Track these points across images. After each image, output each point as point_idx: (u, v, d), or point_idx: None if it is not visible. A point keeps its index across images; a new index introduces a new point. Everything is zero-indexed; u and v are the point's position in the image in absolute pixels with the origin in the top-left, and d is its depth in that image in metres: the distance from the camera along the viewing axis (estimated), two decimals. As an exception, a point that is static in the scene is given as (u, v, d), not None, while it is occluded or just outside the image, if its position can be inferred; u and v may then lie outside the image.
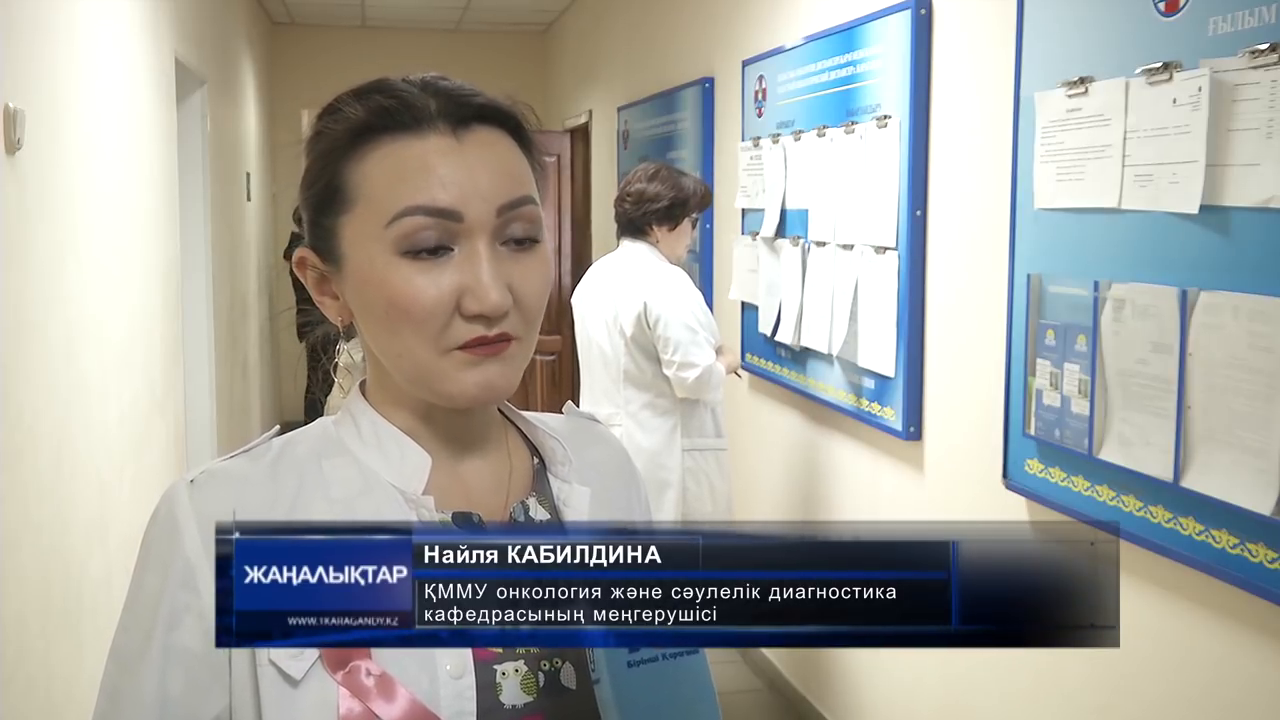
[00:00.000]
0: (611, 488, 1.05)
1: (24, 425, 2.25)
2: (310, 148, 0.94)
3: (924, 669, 2.95)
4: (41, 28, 2.46)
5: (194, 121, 4.72)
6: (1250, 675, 1.85)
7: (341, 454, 0.94)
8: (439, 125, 0.90)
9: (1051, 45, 2.23)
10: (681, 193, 3.36)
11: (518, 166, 0.93)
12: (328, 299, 0.96)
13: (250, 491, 0.90)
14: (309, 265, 0.95)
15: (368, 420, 0.96)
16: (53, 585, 2.42)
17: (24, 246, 2.28)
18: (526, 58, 8.39)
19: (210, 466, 0.93)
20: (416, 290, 0.87)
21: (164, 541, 0.89)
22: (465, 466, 0.97)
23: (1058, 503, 2.26)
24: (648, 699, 0.85)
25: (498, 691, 0.89)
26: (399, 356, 0.91)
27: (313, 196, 0.93)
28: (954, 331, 2.74)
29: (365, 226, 0.89)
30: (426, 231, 0.87)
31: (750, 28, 4.04)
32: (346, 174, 0.91)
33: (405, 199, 0.88)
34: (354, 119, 0.91)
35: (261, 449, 0.94)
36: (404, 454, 0.94)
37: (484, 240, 0.89)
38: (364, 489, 0.92)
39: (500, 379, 0.90)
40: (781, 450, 3.87)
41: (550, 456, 1.02)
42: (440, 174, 0.88)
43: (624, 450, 1.12)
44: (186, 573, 0.87)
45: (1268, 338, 1.71)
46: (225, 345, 5.31)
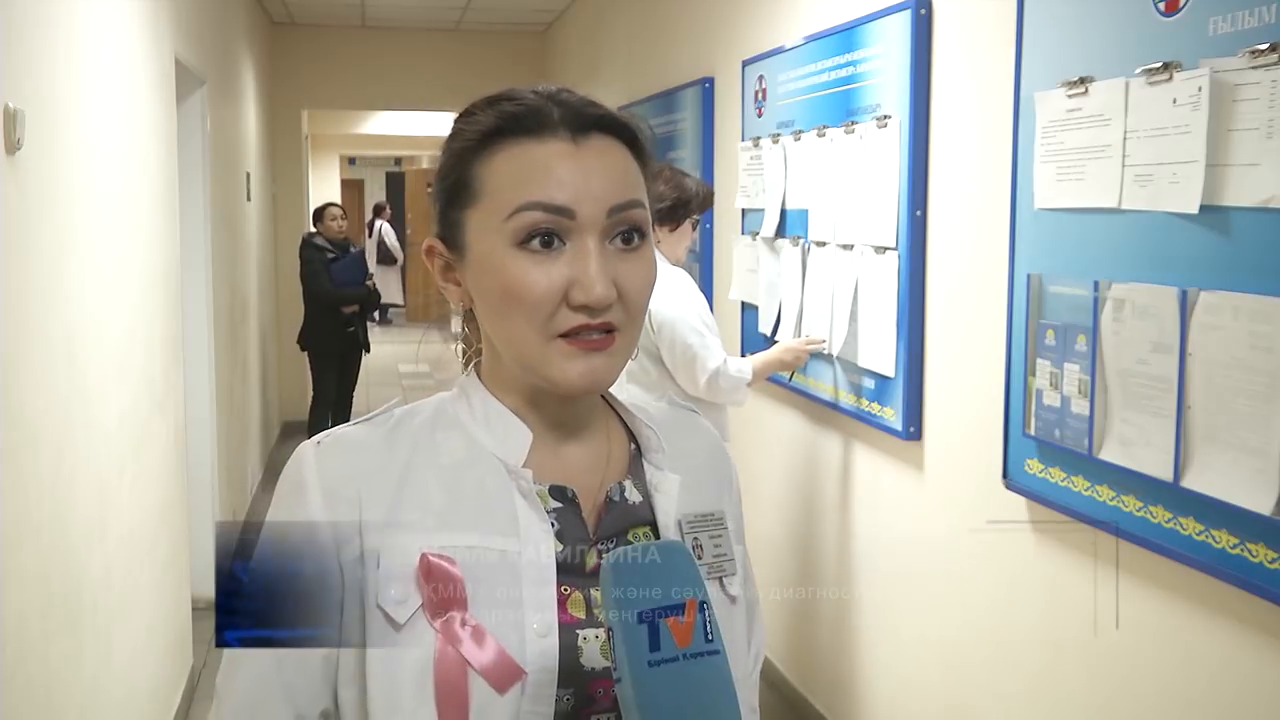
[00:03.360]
0: (703, 477, 1.11)
1: (24, 425, 2.24)
2: (445, 147, 1.03)
3: (924, 669, 2.95)
4: (41, 28, 2.46)
5: (194, 121, 4.72)
6: (1250, 675, 1.85)
7: (453, 426, 1.04)
8: (560, 132, 0.99)
9: (1051, 45, 2.23)
10: (684, 193, 3.36)
11: (629, 173, 1.01)
12: (451, 285, 1.04)
13: (368, 456, 1.00)
14: (436, 253, 1.04)
15: (479, 398, 1.05)
16: (53, 585, 2.42)
17: (24, 246, 2.28)
18: (526, 58, 8.38)
19: (335, 431, 1.03)
20: (530, 279, 0.96)
21: (290, 498, 0.99)
22: (566, 447, 1.05)
23: (1058, 503, 2.26)
24: (669, 699, 0.85)
25: (579, 654, 0.96)
26: (510, 340, 0.99)
27: (444, 190, 1.02)
28: (954, 331, 2.74)
29: (488, 219, 0.98)
30: (541, 225, 0.96)
31: (750, 28, 4.04)
32: (475, 171, 0.99)
33: (525, 195, 0.96)
34: (485, 122, 1.00)
35: (383, 417, 1.04)
36: (508, 430, 1.03)
37: (594, 237, 0.96)
38: (470, 459, 1.01)
39: (604, 370, 0.98)
40: (782, 450, 3.87)
41: (646, 444, 1.09)
42: (558, 174, 0.97)
43: (719, 442, 1.18)
44: (308, 525, 0.97)
45: (1268, 338, 1.72)
46: (225, 345, 5.31)
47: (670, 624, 0.86)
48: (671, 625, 0.86)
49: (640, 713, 0.84)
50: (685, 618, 0.86)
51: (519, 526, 0.98)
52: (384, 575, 0.96)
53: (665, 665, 0.85)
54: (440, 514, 0.98)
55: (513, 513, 0.99)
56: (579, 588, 0.99)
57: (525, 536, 0.98)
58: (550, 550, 0.98)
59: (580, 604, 0.99)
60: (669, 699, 0.84)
